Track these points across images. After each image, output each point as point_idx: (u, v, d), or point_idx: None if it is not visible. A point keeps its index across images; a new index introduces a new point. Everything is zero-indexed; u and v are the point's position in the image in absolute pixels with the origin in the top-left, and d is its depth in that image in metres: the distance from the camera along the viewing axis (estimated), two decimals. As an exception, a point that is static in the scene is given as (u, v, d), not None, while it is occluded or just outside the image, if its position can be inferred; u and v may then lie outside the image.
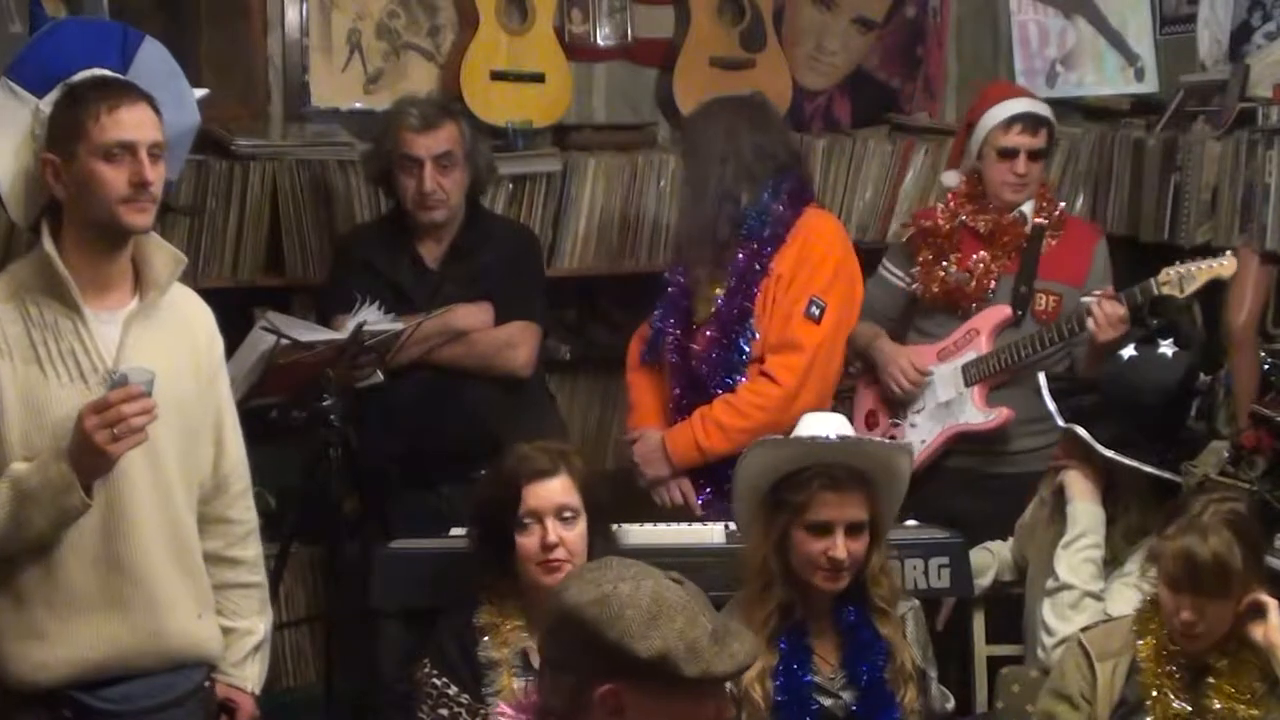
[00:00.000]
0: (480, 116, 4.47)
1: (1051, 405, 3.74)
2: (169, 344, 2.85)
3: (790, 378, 3.85)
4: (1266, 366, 3.98)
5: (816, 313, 3.88)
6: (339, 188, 4.39)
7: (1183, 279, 3.79)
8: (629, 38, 4.90)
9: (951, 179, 4.25)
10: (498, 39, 4.60)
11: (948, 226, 4.14)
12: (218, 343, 3.00)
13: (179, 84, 2.98)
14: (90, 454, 2.63)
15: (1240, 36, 4.58)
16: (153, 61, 2.92)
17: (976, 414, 4.07)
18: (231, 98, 4.32)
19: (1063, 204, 4.31)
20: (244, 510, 3.03)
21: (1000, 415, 4.04)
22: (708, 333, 3.95)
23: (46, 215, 2.81)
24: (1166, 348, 3.66)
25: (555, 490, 2.99)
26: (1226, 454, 3.75)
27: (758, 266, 3.91)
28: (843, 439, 3.14)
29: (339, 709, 3.92)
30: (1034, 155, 4.10)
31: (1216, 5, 4.62)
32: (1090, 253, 4.17)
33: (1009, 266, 4.11)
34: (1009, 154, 4.09)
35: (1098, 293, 3.97)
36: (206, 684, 2.95)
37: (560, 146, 4.72)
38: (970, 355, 4.10)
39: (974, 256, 4.10)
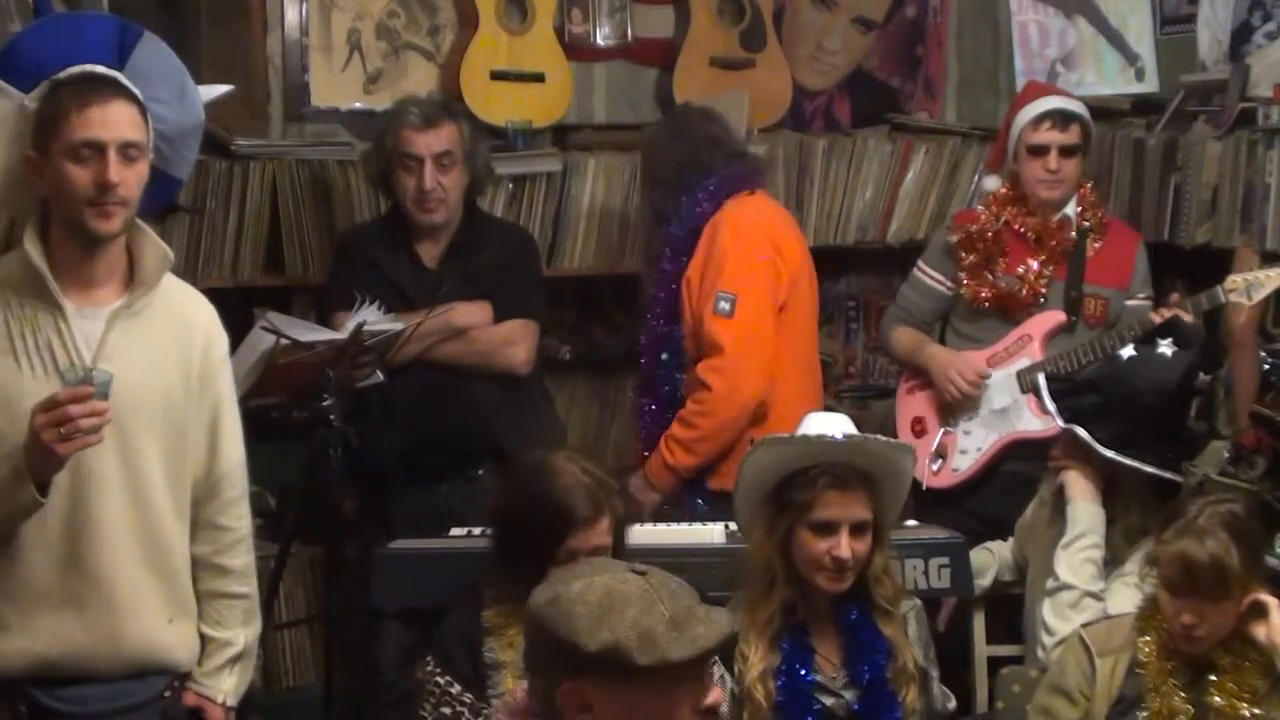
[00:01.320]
0: (480, 116, 4.47)
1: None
2: (155, 342, 2.81)
3: (719, 379, 3.85)
4: (1266, 366, 3.97)
5: (727, 306, 3.85)
6: (339, 188, 4.39)
7: (1250, 286, 3.76)
8: (629, 38, 4.89)
9: (991, 183, 4.25)
10: (498, 39, 4.60)
11: (991, 231, 4.13)
12: (218, 344, 2.94)
13: (181, 81, 2.91)
14: (39, 452, 2.60)
15: (1240, 36, 4.57)
16: (151, 58, 2.85)
17: (1035, 421, 4.03)
18: (231, 98, 4.32)
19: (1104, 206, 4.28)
20: (235, 518, 2.96)
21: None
22: (642, 357, 4.05)
23: (39, 209, 2.79)
24: (1166, 347, 3.66)
25: (596, 534, 2.97)
26: (1226, 454, 3.74)
27: (675, 278, 3.95)
28: (848, 437, 3.13)
29: (339, 709, 3.91)
30: (1066, 151, 4.10)
31: (1216, 5, 4.61)
32: (1133, 255, 4.19)
33: (1058, 272, 4.11)
34: (1040, 151, 4.09)
35: (1141, 297, 4.03)
36: (167, 693, 2.88)
37: (560, 146, 4.71)
38: (1024, 361, 4.09)
39: (1022, 264, 4.10)
